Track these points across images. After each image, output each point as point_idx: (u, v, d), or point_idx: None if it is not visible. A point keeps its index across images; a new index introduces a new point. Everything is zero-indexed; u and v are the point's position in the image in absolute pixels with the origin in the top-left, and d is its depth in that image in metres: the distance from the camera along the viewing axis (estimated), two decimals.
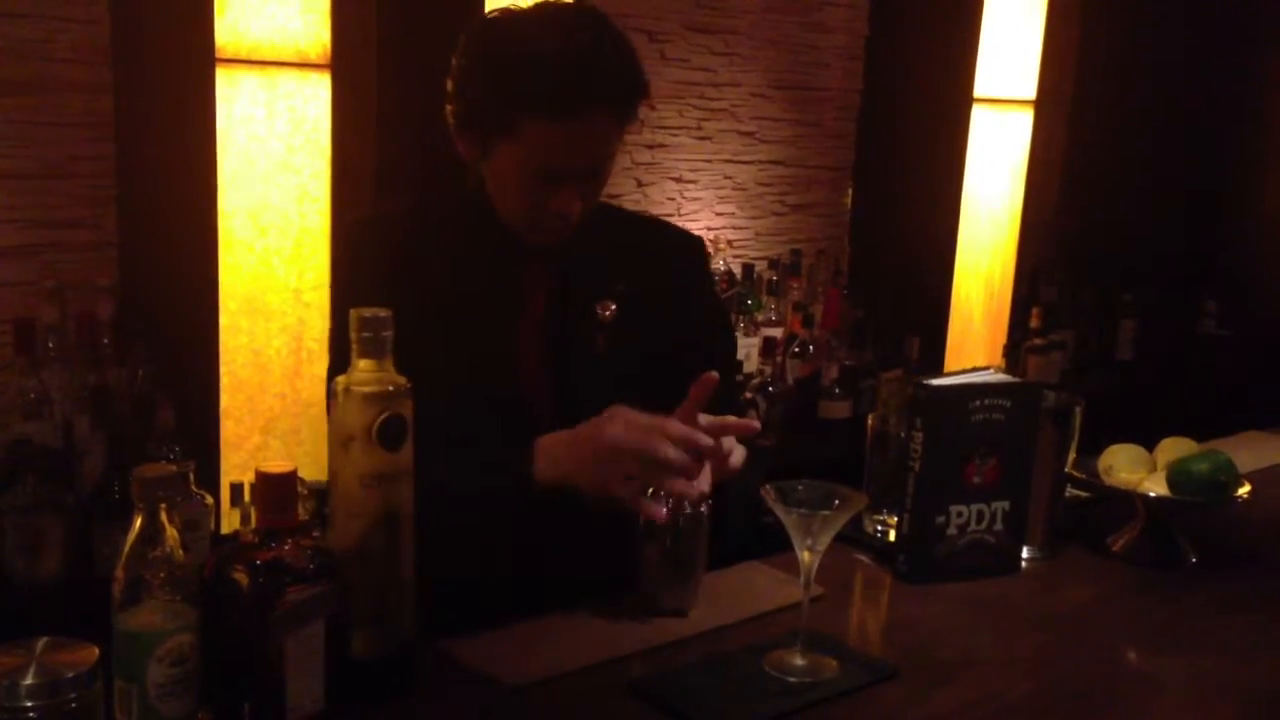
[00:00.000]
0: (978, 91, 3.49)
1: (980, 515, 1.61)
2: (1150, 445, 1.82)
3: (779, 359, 3.08)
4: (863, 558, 1.70)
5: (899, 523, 1.63)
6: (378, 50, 2.46)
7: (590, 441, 1.38)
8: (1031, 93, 3.62)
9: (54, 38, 2.28)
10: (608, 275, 1.58)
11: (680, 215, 3.39)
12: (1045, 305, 3.67)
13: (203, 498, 2.07)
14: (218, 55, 2.15)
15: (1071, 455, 1.75)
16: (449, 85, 1.49)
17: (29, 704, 0.95)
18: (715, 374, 1.39)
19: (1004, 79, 3.56)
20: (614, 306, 1.56)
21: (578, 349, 1.56)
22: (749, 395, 2.90)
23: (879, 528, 1.74)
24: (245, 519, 2.17)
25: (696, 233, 1.86)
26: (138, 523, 1.04)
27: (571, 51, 1.41)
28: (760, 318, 3.14)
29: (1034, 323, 3.59)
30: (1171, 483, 1.72)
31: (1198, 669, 1.44)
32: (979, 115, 3.52)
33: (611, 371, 1.55)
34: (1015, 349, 3.62)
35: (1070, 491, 1.80)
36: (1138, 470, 1.78)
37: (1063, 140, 4.01)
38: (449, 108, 1.51)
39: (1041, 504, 1.69)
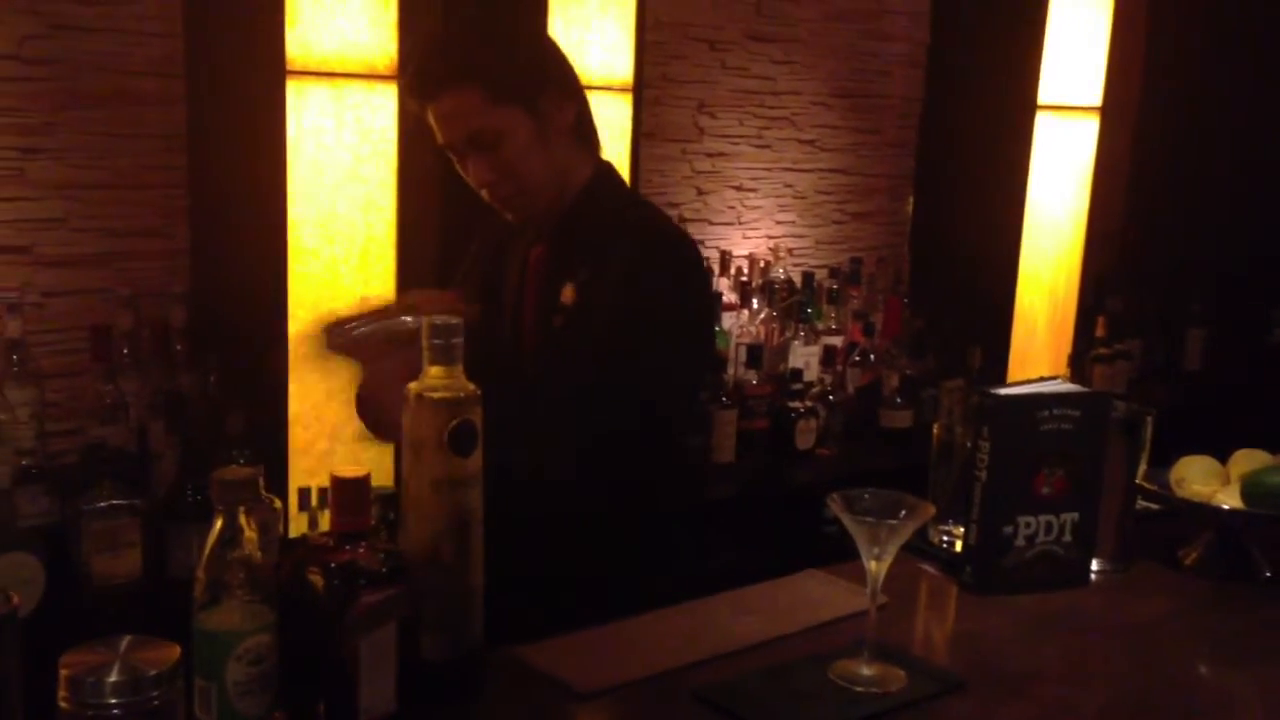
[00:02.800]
0: (1042, 98, 3.46)
1: (1049, 526, 1.59)
2: (1222, 457, 1.80)
3: (839, 368, 3.07)
4: (928, 568, 1.69)
5: (965, 533, 1.62)
6: None
7: None
8: (1097, 99, 3.58)
9: (130, 51, 2.34)
10: (578, 260, 1.66)
11: (740, 224, 3.39)
12: (1111, 314, 3.61)
13: (271, 501, 2.10)
14: (288, 67, 2.20)
15: (1142, 467, 1.73)
16: None
17: (113, 701, 0.97)
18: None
19: (1069, 86, 3.52)
20: (573, 291, 1.65)
21: (539, 325, 1.69)
22: (809, 404, 2.90)
23: (944, 538, 1.73)
24: (312, 523, 2.21)
25: (750, 239, 1.88)
26: (218, 524, 1.06)
27: (429, 43, 1.68)
28: (820, 326, 3.13)
29: (1099, 332, 3.55)
30: (1245, 495, 1.69)
31: (1271, 684, 1.41)
32: (1043, 122, 3.49)
33: (559, 350, 1.65)
34: (1080, 359, 3.57)
35: (1141, 504, 1.78)
36: (1210, 482, 1.75)
37: (1129, 147, 3.96)
38: None
39: (1111, 516, 1.67)
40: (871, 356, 3.13)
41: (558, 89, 1.67)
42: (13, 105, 2.23)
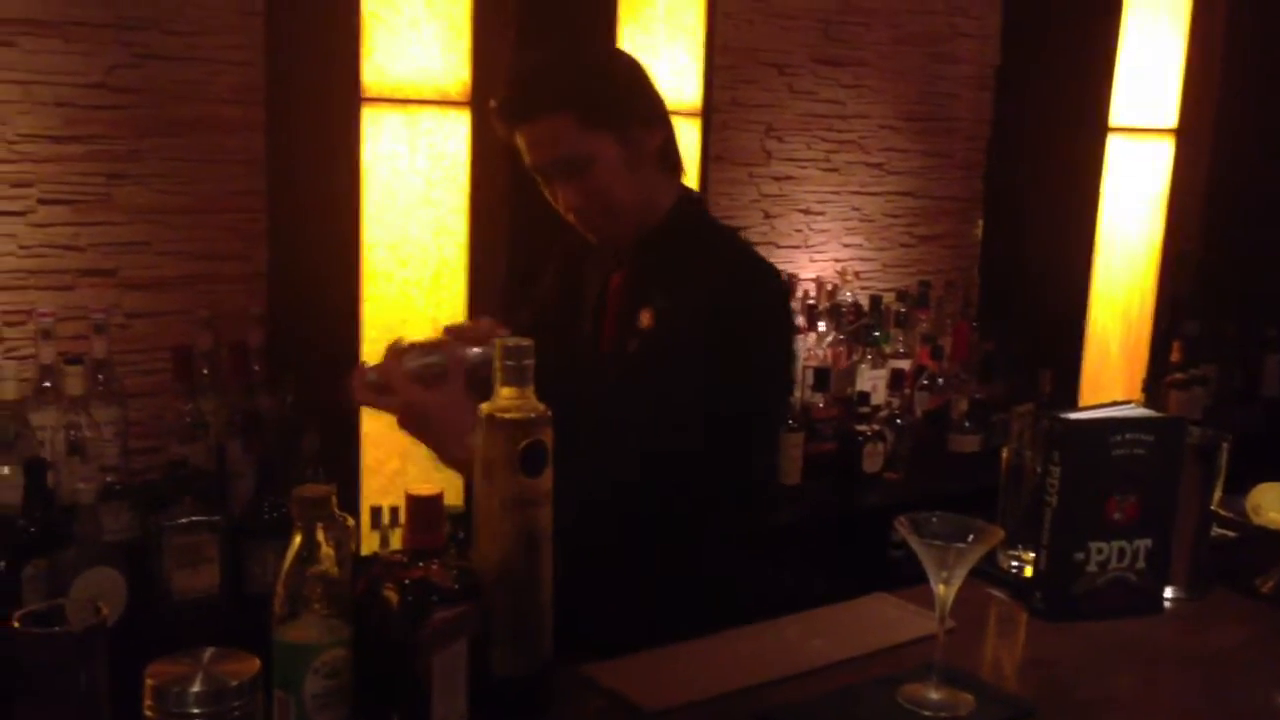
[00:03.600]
0: (1114, 121, 3.42)
1: (1121, 553, 1.57)
2: None
3: (907, 391, 3.05)
4: (997, 593, 1.67)
5: (1035, 559, 1.60)
6: None
7: None
8: (1172, 121, 3.53)
9: (213, 79, 2.41)
10: (657, 286, 1.67)
11: (807, 247, 3.40)
12: (1187, 339, 3.55)
13: (344, 519, 2.13)
14: (363, 94, 2.25)
15: (1217, 493, 1.70)
16: None
17: (196, 711, 1.00)
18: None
19: (1143, 107, 3.48)
20: (650, 315, 1.66)
21: (616, 349, 1.69)
22: (876, 427, 2.88)
23: (1014, 563, 1.71)
24: (384, 541, 2.24)
25: (819, 263, 1.86)
26: (296, 540, 1.09)
27: (516, 69, 1.71)
28: (888, 350, 3.12)
29: (1175, 357, 3.49)
30: None
31: None
32: (1116, 145, 3.45)
33: (631, 373, 1.65)
34: (1155, 384, 3.52)
35: (1216, 531, 1.75)
36: None
37: (1206, 169, 3.90)
38: None
39: (1185, 543, 1.64)
40: (940, 380, 3.11)
41: (647, 116, 1.68)
42: (101, 133, 2.31)
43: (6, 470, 2.00)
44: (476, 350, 1.54)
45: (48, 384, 2.12)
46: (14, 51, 2.21)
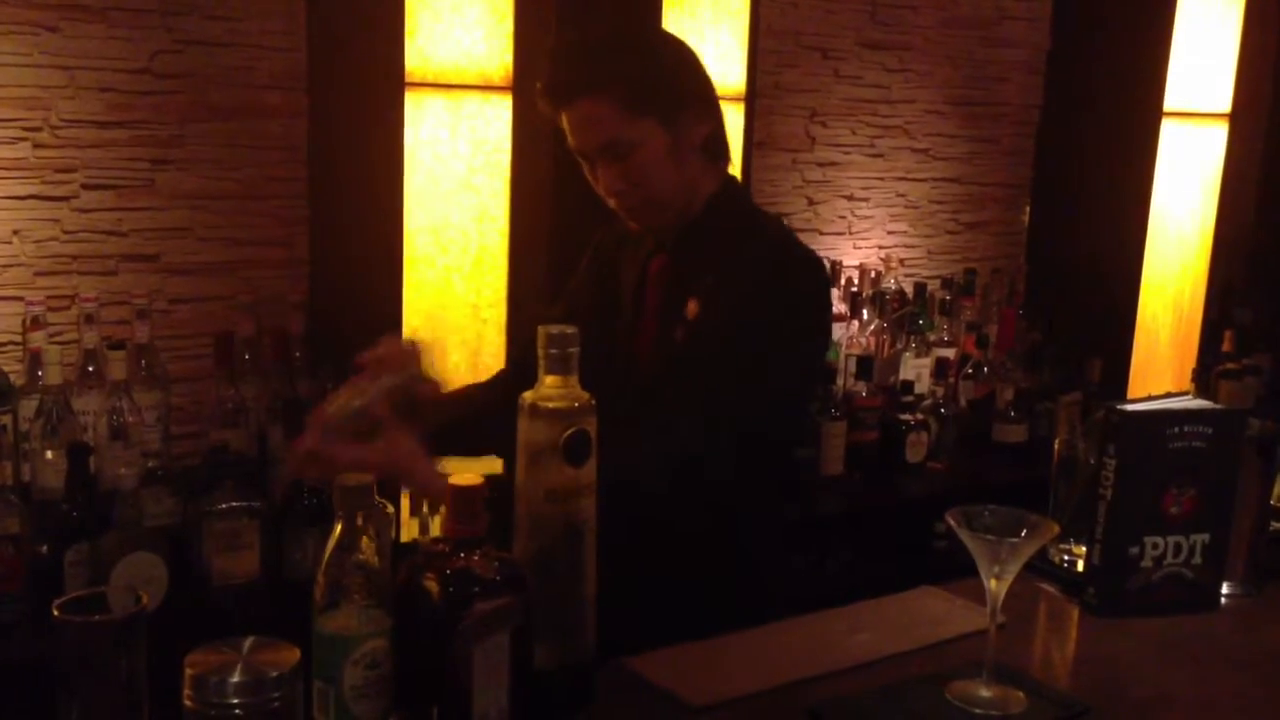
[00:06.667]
0: (1168, 105, 3.35)
1: (1178, 548, 1.53)
2: None
3: (952, 380, 3.01)
4: (1048, 587, 1.63)
5: (1088, 553, 1.57)
6: None
7: None
8: (1227, 105, 3.45)
9: (256, 65, 2.40)
10: (702, 274, 1.64)
11: (851, 234, 3.35)
12: (1239, 328, 3.48)
13: (384, 507, 2.13)
14: (406, 79, 2.23)
15: (1276, 487, 1.66)
16: None
17: (235, 701, 1.00)
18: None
19: (1197, 91, 3.41)
20: (697, 304, 1.63)
21: (660, 336, 1.66)
22: (920, 416, 2.84)
23: (1065, 557, 1.68)
24: (424, 529, 2.24)
25: (861, 250, 1.82)
26: (337, 529, 1.08)
27: (563, 48, 1.68)
28: (932, 338, 3.07)
29: (1226, 346, 3.41)
30: None
31: None
32: (1169, 129, 3.37)
33: (681, 361, 1.61)
34: (1205, 373, 3.44)
35: (1274, 525, 1.70)
36: None
37: (1260, 154, 3.81)
38: None
39: (1243, 538, 1.60)
40: (985, 369, 3.07)
41: (696, 106, 1.65)
42: (144, 118, 2.31)
43: (50, 455, 2.01)
44: (391, 378, 1.47)
45: (90, 369, 2.13)
46: (57, 36, 2.22)
